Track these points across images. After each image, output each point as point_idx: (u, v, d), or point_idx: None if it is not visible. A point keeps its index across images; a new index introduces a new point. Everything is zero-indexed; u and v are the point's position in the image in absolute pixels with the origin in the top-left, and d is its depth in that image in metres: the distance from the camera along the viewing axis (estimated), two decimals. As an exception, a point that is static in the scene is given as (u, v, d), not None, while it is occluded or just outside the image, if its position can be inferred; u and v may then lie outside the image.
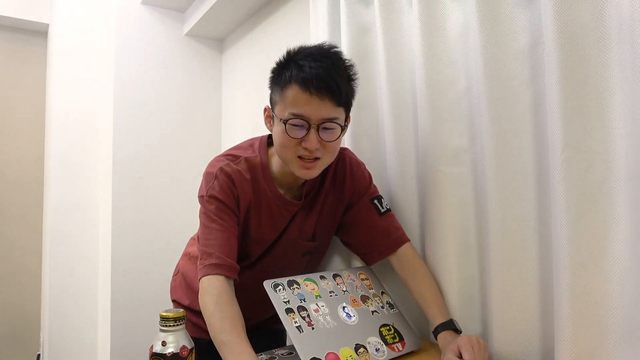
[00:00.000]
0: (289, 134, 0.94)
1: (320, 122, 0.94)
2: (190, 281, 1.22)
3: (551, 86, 0.82)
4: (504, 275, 0.95)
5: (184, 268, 1.26)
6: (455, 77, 1.06)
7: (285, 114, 0.94)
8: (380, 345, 0.97)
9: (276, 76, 0.99)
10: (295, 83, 0.92)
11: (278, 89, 0.97)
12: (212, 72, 2.48)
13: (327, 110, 0.93)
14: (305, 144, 0.94)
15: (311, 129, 0.93)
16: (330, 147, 0.98)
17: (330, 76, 0.92)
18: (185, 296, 1.23)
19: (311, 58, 0.93)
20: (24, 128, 2.63)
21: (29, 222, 2.63)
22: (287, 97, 0.94)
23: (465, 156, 1.05)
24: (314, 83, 0.91)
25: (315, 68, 0.91)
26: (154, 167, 2.31)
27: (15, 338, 2.57)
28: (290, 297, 0.95)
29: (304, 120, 0.93)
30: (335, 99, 0.93)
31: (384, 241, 1.13)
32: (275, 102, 0.99)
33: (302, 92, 0.92)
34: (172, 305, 1.29)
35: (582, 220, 0.79)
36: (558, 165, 0.81)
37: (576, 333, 0.80)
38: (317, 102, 0.92)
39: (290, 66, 0.94)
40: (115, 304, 2.18)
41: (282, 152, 0.99)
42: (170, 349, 0.72)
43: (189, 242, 1.33)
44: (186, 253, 1.29)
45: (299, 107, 0.93)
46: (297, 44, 1.00)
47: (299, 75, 0.92)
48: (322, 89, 0.91)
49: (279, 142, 0.98)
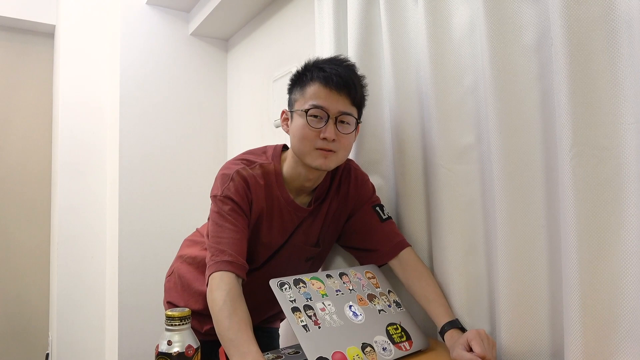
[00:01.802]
0: (309, 124, 1.00)
1: (338, 114, 1.01)
2: (187, 283, 1.22)
3: (559, 82, 0.81)
4: (512, 274, 0.94)
5: (180, 270, 1.26)
6: (461, 75, 1.05)
7: (306, 106, 1.01)
8: (387, 344, 0.97)
9: (296, 79, 1.07)
10: (317, 80, 1.01)
11: (299, 88, 1.05)
12: (217, 72, 2.49)
13: (344, 105, 1.02)
14: (324, 134, 1.00)
15: (330, 120, 1.00)
16: (345, 142, 1.03)
17: (349, 76, 1.02)
18: (180, 298, 1.23)
19: (331, 62, 1.04)
20: (31, 129, 2.64)
21: (37, 222, 2.65)
22: (307, 93, 1.02)
23: (473, 154, 1.04)
24: (334, 80, 1.00)
25: (335, 69, 1.01)
26: (160, 166, 2.31)
27: (25, 337, 2.59)
28: (297, 295, 0.95)
29: (323, 112, 1.00)
30: (351, 97, 1.02)
31: (386, 246, 1.14)
32: (295, 99, 1.06)
33: (323, 87, 1.00)
34: (165, 306, 1.28)
35: (591, 217, 0.78)
36: (567, 161, 0.80)
37: (586, 331, 0.79)
38: (336, 97, 1.00)
39: (311, 69, 1.04)
40: (122, 304, 2.19)
41: (301, 145, 1.02)
42: (176, 348, 0.72)
43: (184, 243, 1.33)
44: (181, 255, 1.29)
45: (319, 100, 1.00)
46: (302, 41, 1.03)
47: (320, 74, 1.01)
48: (341, 85, 1.00)
49: (299, 135, 1.02)
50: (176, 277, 1.26)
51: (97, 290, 2.42)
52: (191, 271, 1.22)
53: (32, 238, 2.63)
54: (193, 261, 1.23)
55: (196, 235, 1.30)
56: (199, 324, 1.17)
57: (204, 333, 1.15)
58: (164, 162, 2.32)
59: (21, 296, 2.59)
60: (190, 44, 2.41)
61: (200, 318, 1.15)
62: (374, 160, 1.26)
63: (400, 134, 1.19)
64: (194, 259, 1.23)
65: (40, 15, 2.54)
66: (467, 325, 1.03)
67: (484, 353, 0.88)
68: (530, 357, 0.93)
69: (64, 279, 2.36)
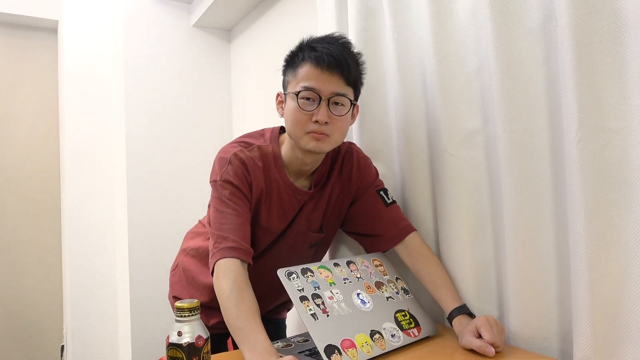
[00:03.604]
0: (300, 107, 0.98)
1: (331, 95, 0.98)
2: (192, 276, 1.22)
3: (565, 64, 0.80)
4: (520, 259, 0.93)
5: (184, 263, 1.25)
6: (466, 58, 1.04)
7: (297, 88, 0.99)
8: (395, 330, 0.97)
9: (289, 60, 1.04)
10: (308, 61, 0.98)
11: (291, 70, 1.02)
12: (220, 62, 2.48)
13: (337, 85, 0.98)
14: (316, 117, 0.97)
15: (322, 102, 0.97)
16: (339, 124, 1.00)
17: (341, 55, 0.98)
18: (185, 292, 1.22)
19: (323, 41, 1.00)
20: (38, 125, 2.66)
21: (48, 216, 2.67)
22: (299, 74, 0.99)
23: (478, 139, 1.03)
24: (325, 59, 0.96)
25: (328, 48, 0.97)
26: (167, 158, 2.33)
27: (40, 330, 2.63)
28: (304, 284, 0.95)
29: (315, 93, 0.97)
30: (345, 76, 0.98)
31: (391, 230, 1.12)
32: (288, 82, 1.03)
33: (314, 68, 0.97)
34: (171, 301, 1.28)
35: (599, 200, 0.77)
36: (573, 144, 0.79)
37: (595, 315, 0.79)
38: (327, 77, 0.97)
39: (303, 49, 1.00)
40: (134, 295, 2.21)
41: (294, 128, 1.01)
42: (186, 339, 0.72)
43: (187, 236, 1.32)
44: (184, 248, 1.28)
45: (310, 81, 0.98)
46: (305, 29, 1.02)
47: (311, 54, 0.98)
48: (333, 65, 0.96)
49: (291, 118, 1.00)
50: (180, 270, 1.26)
51: (108, 282, 2.45)
52: (195, 264, 1.21)
53: (44, 232, 2.66)
54: (196, 253, 1.22)
55: (198, 226, 1.29)
56: (205, 317, 1.14)
57: (211, 327, 1.13)
58: (171, 153, 2.34)
59: (35, 290, 2.63)
60: (193, 35, 2.41)
61: (207, 311, 1.13)
62: (378, 148, 1.25)
63: (404, 120, 1.18)
64: (197, 250, 1.22)
65: (43, 11, 2.54)
66: (475, 311, 1.03)
67: (493, 339, 0.88)
68: (539, 341, 0.93)
69: (76, 271, 2.39)
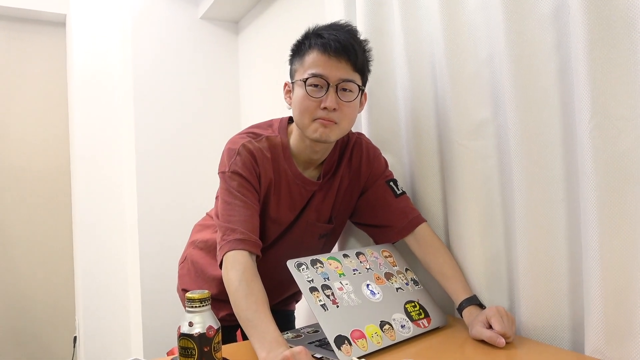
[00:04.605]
0: (308, 94, 0.98)
1: (339, 81, 0.97)
2: (201, 268, 1.21)
3: (577, 51, 0.78)
4: (531, 249, 0.93)
5: (193, 256, 1.25)
6: (476, 46, 1.02)
7: (305, 75, 0.98)
8: (405, 321, 0.97)
9: (296, 49, 1.04)
10: (315, 48, 0.98)
11: (298, 58, 1.02)
12: (228, 54, 2.48)
13: (345, 71, 0.98)
14: (324, 104, 0.97)
15: (330, 89, 0.97)
16: (347, 111, 1.00)
17: (347, 41, 0.97)
18: (194, 284, 1.22)
19: (330, 28, 1.00)
20: (47, 119, 2.68)
21: (59, 210, 2.70)
22: (306, 62, 0.99)
23: (489, 128, 1.02)
24: (332, 45, 0.96)
25: (334, 35, 0.97)
26: (175, 151, 2.33)
27: (53, 322, 2.67)
28: (314, 276, 0.95)
29: (323, 80, 0.97)
30: (352, 62, 0.98)
31: (401, 221, 1.12)
32: (295, 70, 1.03)
33: (321, 54, 0.97)
34: (180, 294, 1.28)
35: (611, 189, 0.76)
36: (586, 133, 0.78)
37: (607, 306, 0.78)
38: (335, 64, 0.97)
39: (309, 37, 1.00)
40: (144, 287, 2.23)
41: (301, 116, 1.00)
42: (197, 329, 0.73)
43: (195, 228, 1.32)
44: (193, 240, 1.28)
45: (318, 68, 0.97)
46: (313, 20, 1.02)
47: (318, 41, 0.98)
48: (340, 51, 0.96)
49: (299, 106, 1.00)
50: (189, 263, 1.26)
51: (119, 274, 2.48)
52: (204, 256, 1.21)
53: (55, 226, 2.69)
54: (205, 245, 1.22)
55: (206, 219, 1.29)
56: (214, 309, 1.10)
57: (220, 319, 1.10)
58: (179, 146, 2.34)
59: (49, 282, 2.67)
60: (200, 28, 2.40)
61: (216, 304, 1.10)
62: (387, 138, 1.24)
63: (413, 110, 1.17)
64: (206, 242, 1.22)
65: (50, 5, 2.55)
66: (486, 301, 1.02)
67: (503, 330, 0.88)
68: (550, 331, 0.93)
69: (87, 264, 2.41)
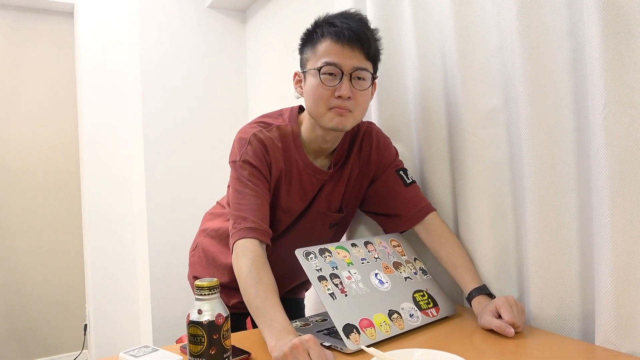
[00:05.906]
0: (323, 82, 0.97)
1: (352, 70, 0.97)
2: (212, 256, 1.22)
3: (591, 38, 0.77)
4: (541, 238, 0.92)
5: (204, 244, 1.26)
6: (486, 34, 1.01)
7: (318, 64, 0.98)
8: (414, 310, 0.97)
9: (307, 38, 1.03)
10: (328, 37, 0.97)
11: (310, 47, 1.01)
12: (236, 43, 2.47)
13: (358, 60, 0.97)
14: (339, 92, 0.97)
15: (344, 77, 0.97)
16: (361, 99, 1.00)
17: (360, 29, 0.97)
18: (206, 272, 1.23)
19: (341, 17, 0.99)
20: (57, 110, 2.69)
21: (69, 199, 2.72)
22: (319, 50, 0.98)
23: (499, 117, 1.01)
24: (345, 34, 0.95)
25: (347, 23, 0.97)
26: (183, 140, 2.34)
27: (64, 310, 2.71)
28: (323, 265, 0.95)
29: (337, 68, 0.96)
30: (365, 51, 0.98)
31: (411, 210, 1.12)
32: (307, 59, 1.02)
33: (335, 43, 0.97)
34: (191, 281, 1.29)
35: (625, 178, 0.76)
36: (599, 122, 0.77)
37: (618, 296, 0.77)
38: (348, 52, 0.96)
39: (321, 26, 1.00)
40: (153, 275, 2.25)
41: (315, 105, 1.00)
42: (206, 316, 0.73)
43: (205, 217, 1.33)
44: (204, 229, 1.29)
45: (331, 56, 0.97)
46: (321, 8, 1.01)
47: (331, 29, 0.97)
48: (353, 39, 0.96)
49: (312, 95, 0.99)
50: (200, 251, 1.27)
51: (128, 263, 2.50)
52: (215, 244, 1.22)
53: (66, 216, 2.72)
54: (216, 234, 1.23)
55: (217, 207, 1.29)
56: (225, 297, 1.16)
57: (231, 306, 1.14)
58: (187, 135, 2.35)
59: (59, 271, 2.70)
60: (207, 16, 2.39)
61: (227, 291, 1.14)
62: (397, 127, 1.23)
63: (423, 99, 1.16)
64: (217, 231, 1.23)
65: (58, -6, 2.55)
66: (495, 291, 1.02)
67: (513, 319, 0.87)
68: (560, 321, 0.93)
69: (97, 253, 2.44)
